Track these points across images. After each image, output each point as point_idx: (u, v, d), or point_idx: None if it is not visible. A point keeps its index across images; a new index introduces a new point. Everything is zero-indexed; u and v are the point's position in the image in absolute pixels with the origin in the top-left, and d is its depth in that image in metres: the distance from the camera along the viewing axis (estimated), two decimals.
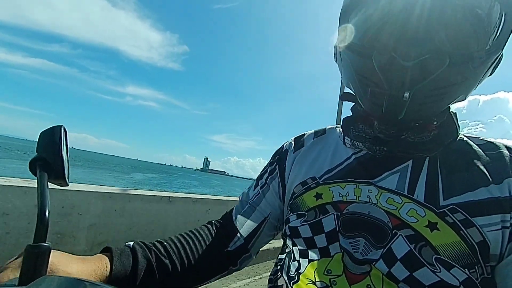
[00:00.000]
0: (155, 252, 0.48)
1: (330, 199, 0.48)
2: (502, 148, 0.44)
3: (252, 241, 0.57)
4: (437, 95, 0.39)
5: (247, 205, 0.60)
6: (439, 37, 0.38)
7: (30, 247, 0.28)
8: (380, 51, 0.39)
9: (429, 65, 0.36)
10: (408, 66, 0.36)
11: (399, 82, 0.38)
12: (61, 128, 0.36)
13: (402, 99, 0.38)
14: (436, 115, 0.44)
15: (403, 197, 0.43)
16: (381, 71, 0.39)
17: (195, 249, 0.53)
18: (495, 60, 0.40)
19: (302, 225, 0.49)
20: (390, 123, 0.45)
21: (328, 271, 0.43)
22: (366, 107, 0.47)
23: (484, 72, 0.40)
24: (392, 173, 0.46)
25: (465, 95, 0.42)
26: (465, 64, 0.38)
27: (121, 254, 0.44)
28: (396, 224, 0.41)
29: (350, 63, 0.45)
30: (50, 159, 0.34)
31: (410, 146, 0.45)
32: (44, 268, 0.28)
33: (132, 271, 0.43)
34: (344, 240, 0.44)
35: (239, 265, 0.58)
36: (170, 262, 0.48)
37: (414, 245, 0.39)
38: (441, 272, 0.37)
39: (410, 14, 0.38)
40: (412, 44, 0.37)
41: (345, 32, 0.45)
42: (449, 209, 0.40)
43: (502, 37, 0.38)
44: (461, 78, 0.39)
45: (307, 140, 0.61)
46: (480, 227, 0.38)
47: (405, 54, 0.37)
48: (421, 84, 0.38)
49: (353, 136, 0.51)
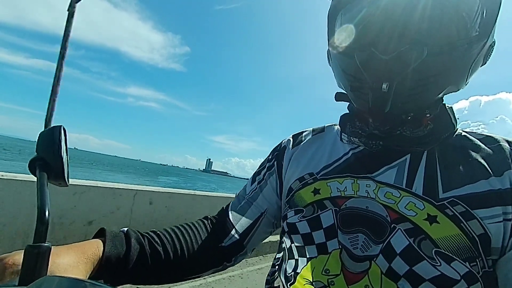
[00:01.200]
0: (148, 239, 0.48)
1: (328, 195, 0.48)
2: (502, 141, 0.43)
3: (248, 237, 0.57)
4: (422, 86, 0.40)
5: (244, 200, 0.60)
6: (417, 30, 0.39)
7: (30, 247, 0.28)
8: (361, 48, 0.41)
9: (408, 57, 0.38)
10: (387, 59, 0.38)
11: (379, 75, 0.40)
12: (61, 128, 0.36)
13: (381, 90, 0.40)
14: (426, 106, 0.44)
15: (401, 190, 0.43)
16: (363, 67, 0.41)
17: (189, 241, 0.52)
18: (484, 48, 0.40)
19: (300, 221, 0.49)
20: (379, 117, 0.46)
21: (326, 271, 0.43)
22: (356, 104, 0.48)
23: (471, 61, 0.40)
24: (390, 167, 0.46)
25: (455, 85, 0.42)
26: (446, 54, 0.39)
27: (114, 237, 0.44)
28: (395, 218, 0.41)
29: (338, 64, 0.48)
30: (49, 159, 0.34)
31: (406, 140, 0.45)
32: (45, 268, 0.28)
33: (124, 255, 0.43)
34: (343, 236, 0.44)
35: (234, 262, 0.58)
36: (163, 250, 0.48)
37: (414, 239, 0.39)
38: (441, 266, 0.36)
39: (388, 12, 0.40)
40: (390, 38, 0.39)
41: (331, 34, 0.48)
42: (449, 202, 0.39)
43: (486, 26, 0.39)
44: (444, 68, 0.39)
45: (305, 137, 0.61)
46: (481, 219, 0.37)
47: (383, 48, 0.39)
48: (402, 76, 0.39)
49: (349, 132, 0.51)
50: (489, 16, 0.39)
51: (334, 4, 0.48)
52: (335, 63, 0.49)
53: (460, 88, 0.43)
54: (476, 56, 0.40)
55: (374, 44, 0.40)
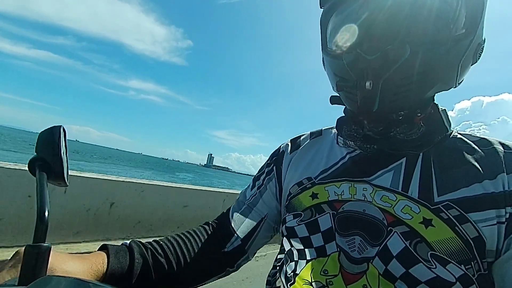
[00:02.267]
0: (151, 251, 0.48)
1: (326, 198, 0.49)
2: (496, 144, 0.44)
3: (249, 242, 0.57)
4: (408, 84, 0.41)
5: (244, 206, 0.60)
6: (399, 30, 0.40)
7: (30, 247, 0.28)
8: (348, 50, 0.44)
9: (391, 56, 0.39)
10: (372, 59, 0.40)
11: (364, 74, 0.42)
12: (60, 128, 0.36)
13: (365, 89, 0.41)
14: (416, 105, 0.45)
15: (397, 194, 0.43)
16: (350, 68, 0.43)
17: (192, 249, 0.53)
18: (471, 45, 0.41)
19: (298, 224, 0.49)
20: (370, 117, 0.47)
21: (324, 272, 0.43)
22: (347, 105, 0.50)
23: (459, 58, 0.41)
24: (386, 171, 0.46)
25: (445, 83, 0.43)
26: (429, 51, 0.40)
27: (117, 252, 0.44)
28: (391, 221, 0.41)
29: (329, 66, 0.50)
30: (49, 159, 0.34)
31: (400, 143, 0.46)
32: (44, 268, 0.28)
33: (128, 269, 0.43)
34: (341, 239, 0.44)
35: (236, 267, 0.58)
36: (166, 261, 0.49)
37: (410, 242, 0.39)
38: (436, 268, 0.37)
39: (373, 15, 0.42)
40: (373, 39, 0.41)
41: (323, 40, 0.51)
42: (444, 205, 0.40)
43: (471, 23, 0.40)
44: (429, 66, 0.40)
45: (303, 141, 0.62)
46: (475, 222, 0.38)
47: (368, 48, 0.40)
48: (387, 74, 0.40)
49: (345, 135, 0.52)
50: (473, 14, 0.40)
51: (325, 12, 0.50)
52: (327, 67, 0.52)
53: (451, 86, 0.44)
54: (463, 54, 0.41)
55: (359, 46, 0.42)
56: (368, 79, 0.41)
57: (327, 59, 0.50)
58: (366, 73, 0.41)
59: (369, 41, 0.41)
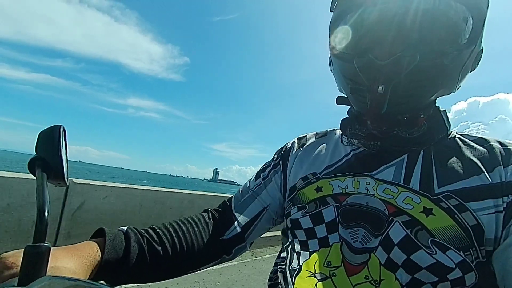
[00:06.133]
0: (147, 238, 0.49)
1: (330, 192, 0.50)
2: (493, 141, 0.47)
3: (249, 230, 0.58)
4: (415, 89, 0.44)
5: (247, 194, 0.62)
6: (410, 37, 0.42)
7: (29, 247, 0.28)
8: (359, 54, 0.45)
9: (402, 62, 0.41)
10: (383, 64, 0.42)
11: (376, 78, 0.43)
12: (60, 128, 0.36)
13: (377, 92, 0.43)
14: (420, 108, 0.47)
15: (399, 186, 0.45)
16: (361, 71, 0.45)
17: (189, 236, 0.53)
18: (472, 54, 0.43)
19: (303, 216, 0.51)
20: (377, 118, 0.49)
21: (328, 263, 0.45)
22: (356, 107, 0.53)
23: (461, 66, 0.44)
24: (388, 166, 0.48)
25: (447, 89, 0.46)
26: (437, 59, 0.42)
27: (114, 238, 0.45)
28: (393, 212, 0.43)
29: (339, 69, 0.52)
30: (49, 159, 0.34)
31: (403, 140, 0.48)
32: (44, 268, 0.28)
33: (123, 257, 0.44)
34: (344, 230, 0.46)
35: (233, 255, 0.59)
36: (162, 248, 0.49)
37: (410, 230, 0.41)
38: (437, 254, 0.38)
39: (385, 21, 0.43)
40: (386, 45, 0.43)
41: (333, 43, 0.52)
42: (444, 196, 0.42)
43: (474, 33, 0.42)
44: (435, 73, 0.43)
45: (309, 139, 0.65)
46: (474, 211, 0.40)
47: (380, 54, 0.42)
48: (397, 79, 0.42)
49: (349, 134, 0.54)
50: (476, 24, 0.42)
51: (335, 16, 0.52)
52: (336, 69, 0.53)
53: (451, 91, 0.47)
54: (465, 62, 0.43)
55: (371, 51, 0.44)
56: (380, 83, 0.43)
57: (337, 61, 0.51)
58: (378, 77, 0.43)
59: (381, 47, 0.43)
